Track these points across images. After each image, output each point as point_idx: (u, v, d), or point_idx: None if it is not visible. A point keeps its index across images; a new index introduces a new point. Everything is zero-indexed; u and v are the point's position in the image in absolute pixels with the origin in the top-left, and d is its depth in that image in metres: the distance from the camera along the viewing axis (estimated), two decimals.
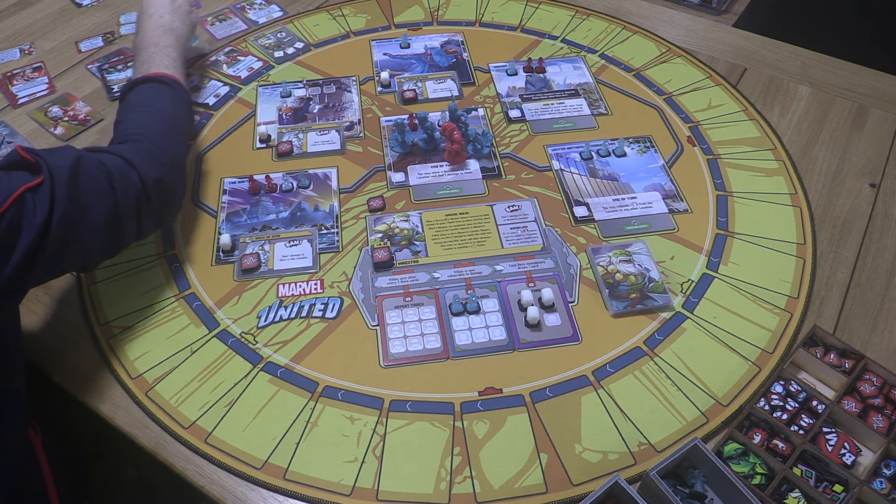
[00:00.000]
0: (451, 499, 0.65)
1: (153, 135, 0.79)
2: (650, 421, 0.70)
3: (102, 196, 0.69)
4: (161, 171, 0.76)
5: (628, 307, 0.79)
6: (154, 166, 0.75)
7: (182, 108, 0.88)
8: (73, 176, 0.66)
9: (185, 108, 0.89)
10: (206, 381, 0.74)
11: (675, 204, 0.90)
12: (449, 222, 0.88)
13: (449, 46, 1.16)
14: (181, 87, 0.89)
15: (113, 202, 0.69)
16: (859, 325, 0.79)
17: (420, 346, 0.76)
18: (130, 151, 0.74)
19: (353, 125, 1.02)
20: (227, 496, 0.66)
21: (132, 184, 0.72)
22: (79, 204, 0.66)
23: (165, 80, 0.87)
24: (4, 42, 1.19)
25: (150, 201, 0.74)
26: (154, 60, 0.90)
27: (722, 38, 1.18)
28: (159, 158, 0.77)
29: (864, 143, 0.99)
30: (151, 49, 0.91)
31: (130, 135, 0.78)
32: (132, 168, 0.72)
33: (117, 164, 0.71)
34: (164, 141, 0.80)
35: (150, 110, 0.83)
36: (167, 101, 0.85)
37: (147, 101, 0.84)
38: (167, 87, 0.87)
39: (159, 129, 0.80)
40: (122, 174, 0.71)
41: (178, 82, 0.89)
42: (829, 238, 0.87)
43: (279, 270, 0.84)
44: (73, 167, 0.66)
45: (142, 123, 0.80)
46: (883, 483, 0.65)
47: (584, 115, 1.03)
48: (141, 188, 0.73)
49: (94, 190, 0.68)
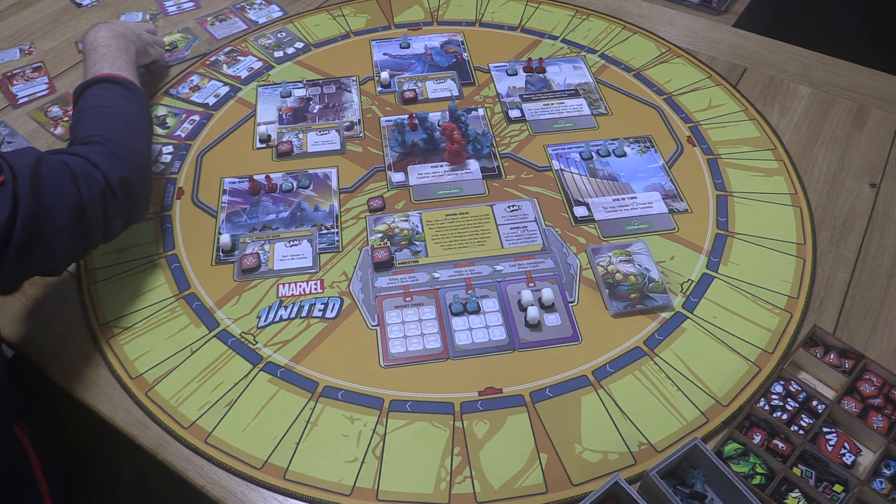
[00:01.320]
0: (451, 499, 0.65)
1: (113, 135, 0.77)
2: (650, 421, 0.70)
3: (66, 195, 0.68)
4: (125, 170, 0.75)
5: (628, 307, 0.79)
6: (118, 166, 0.74)
7: (139, 109, 0.86)
8: (36, 175, 0.65)
9: (142, 108, 0.87)
10: (206, 381, 0.74)
11: (675, 204, 0.90)
12: (449, 222, 0.88)
13: (449, 46, 1.16)
14: (136, 88, 0.88)
15: (78, 201, 0.69)
16: (859, 325, 0.79)
17: (420, 346, 0.76)
18: (92, 152, 0.73)
19: (353, 125, 1.02)
20: (227, 496, 0.66)
21: (96, 182, 0.71)
22: (43, 203, 0.65)
23: (118, 80, 0.86)
24: (4, 42, 1.19)
25: (116, 200, 0.73)
26: (105, 61, 0.88)
27: (722, 38, 1.18)
28: (122, 158, 0.76)
29: (864, 143, 0.99)
30: (102, 50, 0.89)
31: (90, 137, 0.76)
32: (95, 168, 0.72)
33: (80, 165, 0.71)
34: (126, 140, 0.78)
35: (107, 111, 0.81)
36: (123, 101, 0.84)
37: (102, 102, 0.82)
38: (122, 88, 0.85)
39: (118, 130, 0.79)
40: (85, 174, 0.70)
41: (132, 83, 0.87)
42: (829, 238, 0.87)
43: (279, 270, 0.84)
44: (34, 166, 0.66)
45: (99, 124, 0.79)
46: (883, 483, 0.65)
47: (584, 115, 1.03)
48: (106, 187, 0.72)
49: (58, 190, 0.67)
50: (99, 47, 0.90)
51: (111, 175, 0.73)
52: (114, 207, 0.73)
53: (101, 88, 0.84)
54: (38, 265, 0.69)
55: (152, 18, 1.23)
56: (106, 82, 0.85)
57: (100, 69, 0.87)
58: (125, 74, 0.87)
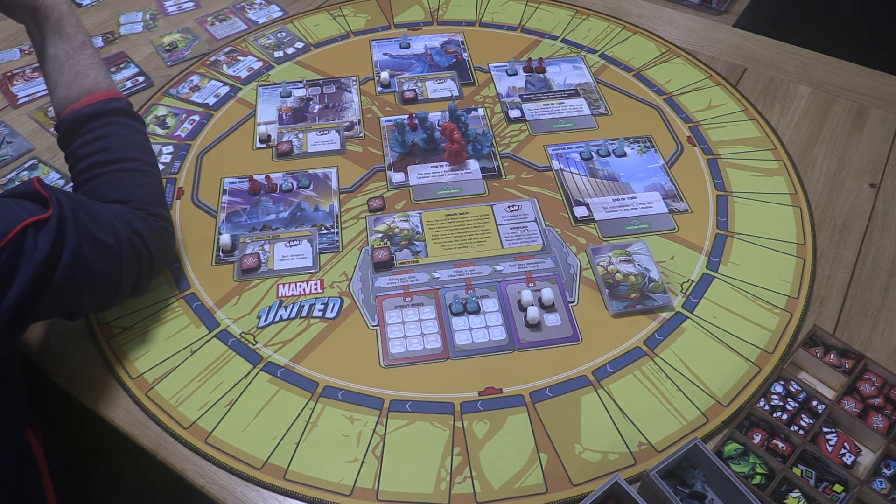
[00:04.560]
0: (451, 499, 0.65)
1: (142, 195, 0.76)
2: (650, 421, 0.70)
3: (108, 250, 0.67)
4: (156, 233, 0.75)
5: (628, 307, 0.79)
6: (151, 229, 0.74)
7: (148, 144, 0.81)
8: (79, 219, 0.64)
9: (147, 140, 0.81)
10: (206, 382, 0.74)
11: (675, 204, 0.90)
12: (449, 222, 0.88)
13: (449, 46, 1.16)
14: (133, 112, 0.80)
15: (118, 259, 0.69)
16: (859, 325, 0.79)
17: (420, 346, 0.76)
18: (137, 220, 0.72)
19: (353, 125, 1.02)
20: (227, 496, 0.66)
21: (137, 249, 0.71)
22: (85, 251, 0.64)
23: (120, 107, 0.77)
24: (4, 42, 1.19)
25: (152, 264, 0.75)
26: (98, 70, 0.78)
27: (722, 38, 1.18)
28: (156, 216, 0.76)
29: (864, 143, 0.99)
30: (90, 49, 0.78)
31: (121, 198, 0.74)
32: (137, 236, 0.72)
33: (124, 223, 0.70)
34: (156, 197, 0.78)
35: (134, 168, 0.76)
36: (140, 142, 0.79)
37: (125, 153, 0.76)
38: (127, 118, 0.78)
39: (150, 189, 0.77)
40: (129, 238, 0.70)
41: (128, 104, 0.80)
42: (829, 238, 0.87)
43: (279, 270, 0.84)
44: (79, 209, 0.65)
45: (128, 185, 0.75)
46: (883, 483, 0.65)
47: (584, 115, 1.03)
48: (146, 254, 0.73)
49: (102, 242, 0.66)
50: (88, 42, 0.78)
51: (150, 241, 0.73)
52: (148, 269, 0.75)
53: (109, 123, 0.76)
54: (62, 310, 0.67)
55: (152, 18, 1.23)
56: (112, 114, 0.76)
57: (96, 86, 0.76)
58: (115, 88, 0.79)
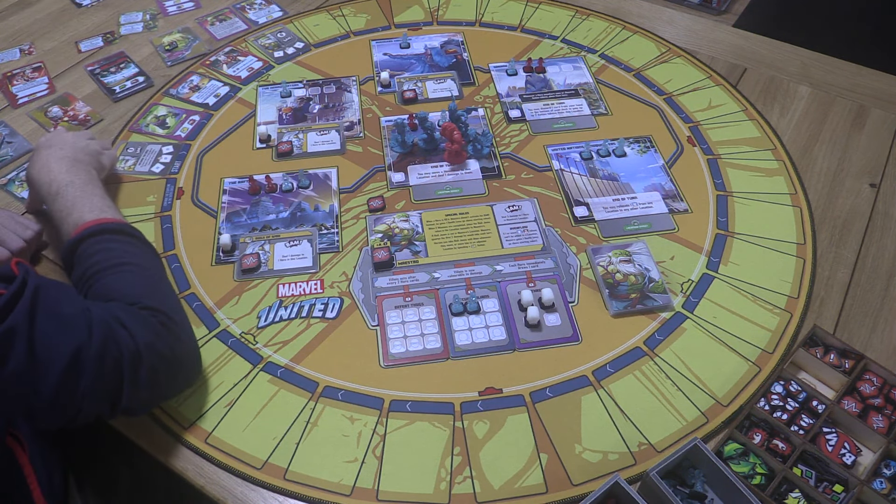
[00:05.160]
0: (451, 499, 0.65)
1: (131, 291, 0.67)
2: (650, 421, 0.70)
3: (69, 326, 0.57)
4: (150, 327, 0.64)
5: (628, 307, 0.79)
6: (140, 320, 0.64)
7: (153, 257, 0.75)
8: (39, 298, 0.56)
9: (154, 255, 0.76)
10: (206, 381, 0.74)
11: (675, 204, 0.90)
12: (449, 222, 0.88)
13: (449, 46, 1.16)
14: (135, 230, 0.75)
15: (85, 339, 0.58)
16: (859, 325, 0.79)
17: (420, 346, 0.76)
18: (119, 308, 0.63)
19: (353, 125, 1.02)
20: (227, 496, 0.66)
21: (117, 340, 0.60)
22: (38, 325, 0.55)
23: (112, 227, 0.73)
24: (4, 42, 1.19)
25: (139, 362, 0.62)
26: (80, 205, 0.75)
27: (722, 38, 1.18)
28: (152, 310, 0.66)
29: (864, 143, 0.99)
30: (69, 192, 0.76)
31: (107, 298, 0.66)
32: (119, 323, 0.61)
33: (102, 310, 0.62)
34: (152, 293, 0.69)
35: (127, 270, 0.69)
36: (139, 254, 0.73)
37: (111, 260, 0.69)
38: (124, 236, 0.73)
39: (139, 283, 0.69)
40: (104, 322, 0.60)
41: (126, 225, 0.75)
42: (829, 238, 0.87)
43: (279, 270, 0.83)
44: (48, 288, 0.57)
45: (117, 285, 0.67)
46: (883, 483, 0.65)
47: (584, 115, 1.03)
48: (132, 347, 0.61)
49: (63, 318, 0.57)
50: (63, 188, 0.76)
51: (138, 334, 0.62)
52: (133, 373, 0.62)
53: (101, 241, 0.71)
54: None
55: (152, 18, 1.23)
56: (101, 234, 0.72)
57: (80, 218, 0.73)
58: (113, 216, 0.75)
